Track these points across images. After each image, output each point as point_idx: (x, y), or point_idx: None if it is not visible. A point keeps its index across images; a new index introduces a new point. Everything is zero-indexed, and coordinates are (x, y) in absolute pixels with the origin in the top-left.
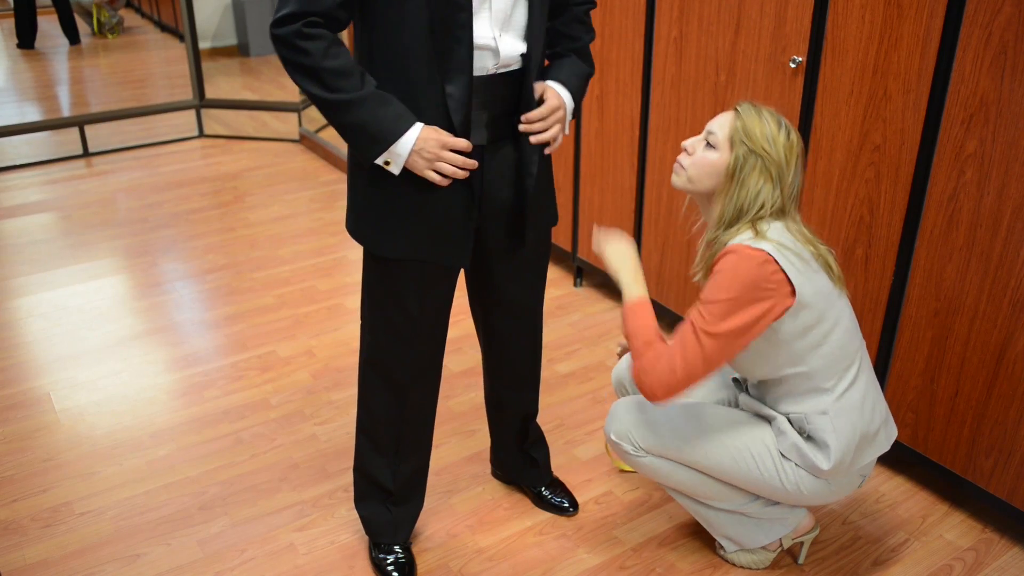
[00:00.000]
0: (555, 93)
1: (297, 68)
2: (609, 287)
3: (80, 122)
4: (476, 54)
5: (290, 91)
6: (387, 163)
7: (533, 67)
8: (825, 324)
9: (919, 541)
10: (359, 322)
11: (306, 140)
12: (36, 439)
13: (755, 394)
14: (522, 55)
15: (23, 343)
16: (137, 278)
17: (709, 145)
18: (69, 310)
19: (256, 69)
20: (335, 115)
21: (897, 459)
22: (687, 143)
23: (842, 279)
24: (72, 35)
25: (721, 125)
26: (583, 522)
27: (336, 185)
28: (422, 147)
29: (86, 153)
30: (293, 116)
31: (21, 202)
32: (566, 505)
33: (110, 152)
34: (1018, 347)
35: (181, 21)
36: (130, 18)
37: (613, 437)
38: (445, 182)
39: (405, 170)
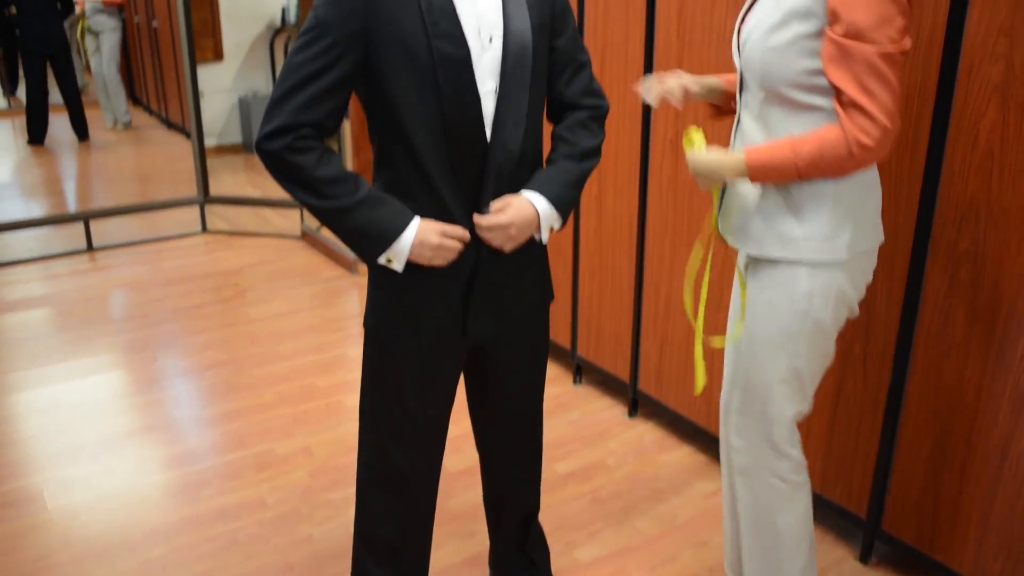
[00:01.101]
0: (519, 203)
1: (290, 180)
2: (607, 384)
3: (85, 217)
4: None
5: None
6: (389, 260)
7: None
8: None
9: None
10: (358, 420)
11: (308, 237)
12: (28, 538)
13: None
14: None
15: (19, 439)
16: (136, 374)
17: None
18: (67, 406)
19: (259, 166)
20: (334, 221)
21: (903, 560)
22: None
23: None
24: (81, 131)
25: None
26: None
27: (337, 282)
28: (424, 239)
29: (90, 248)
30: (295, 212)
31: (23, 296)
32: None
33: (114, 247)
34: (1021, 445)
35: (188, 119)
36: (138, 116)
37: (754, 474)
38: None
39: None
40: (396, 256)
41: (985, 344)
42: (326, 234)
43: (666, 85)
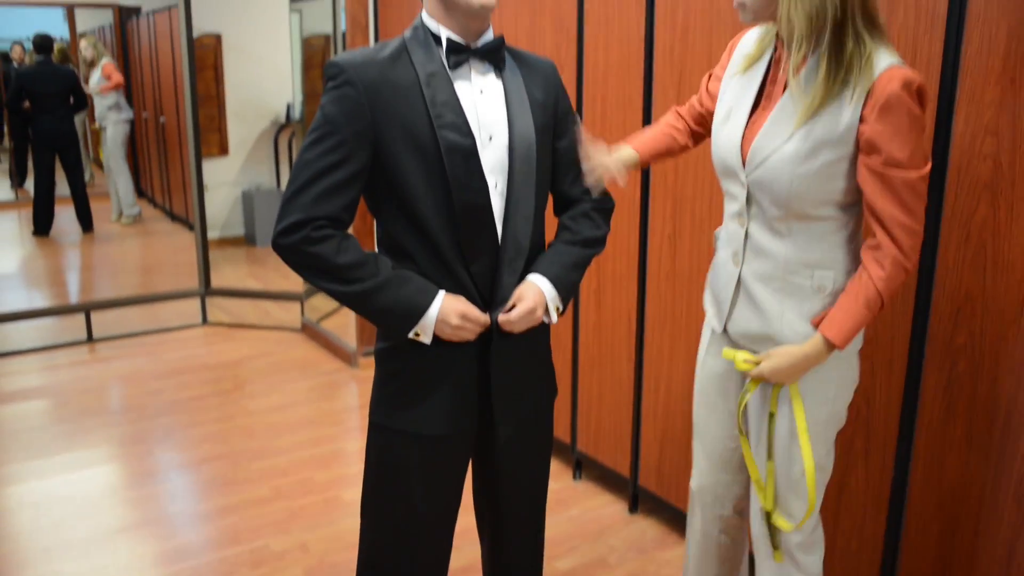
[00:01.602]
0: (531, 291)
1: (311, 270)
2: (608, 480)
3: (86, 308)
4: None
5: (294, 280)
6: (417, 335)
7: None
8: None
9: None
10: (357, 516)
11: (308, 329)
12: None
13: (761, 268)
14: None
15: (10, 534)
16: (131, 467)
17: None
18: (60, 499)
19: (262, 258)
20: (360, 304)
21: None
22: None
23: None
24: (86, 223)
25: None
26: None
27: (336, 375)
28: (445, 317)
29: (90, 339)
30: (296, 305)
31: (22, 387)
32: None
33: (114, 339)
34: None
35: (192, 212)
36: (143, 208)
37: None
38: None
39: (431, 347)
40: (424, 331)
41: (987, 437)
42: (326, 327)
43: (606, 165)
